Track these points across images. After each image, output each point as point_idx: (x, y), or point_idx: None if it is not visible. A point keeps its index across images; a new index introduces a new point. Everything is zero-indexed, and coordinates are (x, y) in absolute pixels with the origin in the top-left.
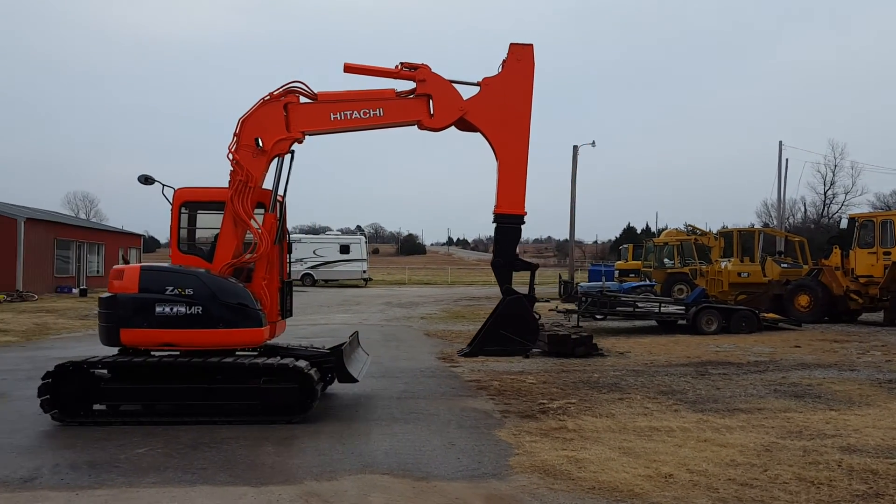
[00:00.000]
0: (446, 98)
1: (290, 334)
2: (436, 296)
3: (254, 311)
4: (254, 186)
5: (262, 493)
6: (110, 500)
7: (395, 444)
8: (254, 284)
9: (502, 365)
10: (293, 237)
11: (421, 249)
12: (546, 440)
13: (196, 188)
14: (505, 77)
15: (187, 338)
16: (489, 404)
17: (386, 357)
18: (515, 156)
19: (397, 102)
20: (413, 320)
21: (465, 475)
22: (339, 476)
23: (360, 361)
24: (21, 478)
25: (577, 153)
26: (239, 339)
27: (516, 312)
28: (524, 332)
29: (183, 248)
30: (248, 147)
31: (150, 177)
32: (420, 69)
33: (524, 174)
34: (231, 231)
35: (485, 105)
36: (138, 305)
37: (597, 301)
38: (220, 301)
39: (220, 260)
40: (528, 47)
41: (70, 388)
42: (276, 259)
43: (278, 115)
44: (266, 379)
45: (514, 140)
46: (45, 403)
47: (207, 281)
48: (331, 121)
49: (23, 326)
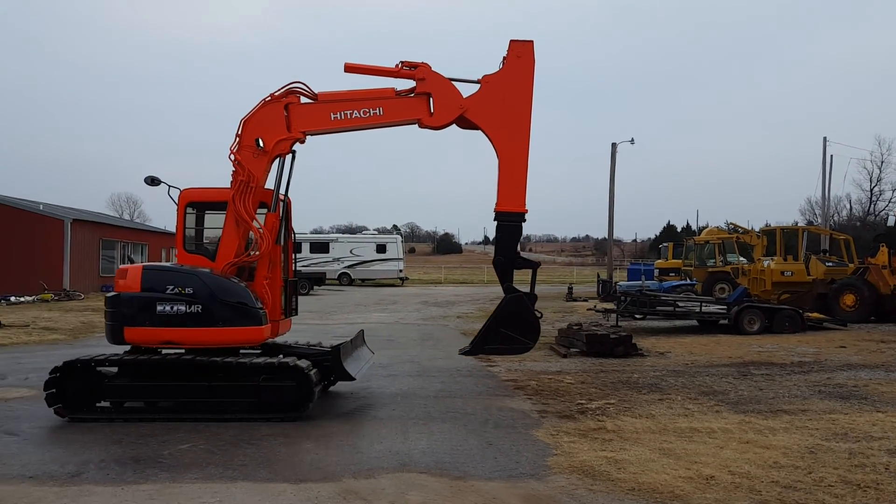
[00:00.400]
0: (446, 96)
1: (326, 332)
2: (472, 295)
3: (253, 310)
4: (255, 186)
5: (301, 490)
6: (154, 495)
7: (432, 442)
8: (255, 283)
9: (539, 364)
10: (330, 237)
11: (457, 248)
12: (585, 441)
13: (201, 189)
14: (505, 74)
15: (188, 336)
16: (526, 404)
17: (422, 356)
18: (516, 153)
19: (397, 101)
20: (449, 319)
21: (503, 475)
22: (376, 474)
23: (361, 360)
24: (69, 472)
25: (615, 150)
26: (238, 337)
27: (517, 311)
28: (525, 331)
29: (189, 247)
30: (249, 147)
31: (157, 178)
32: (420, 68)
33: (525, 172)
34: (233, 231)
35: (485, 103)
36: (141, 304)
37: (636, 300)
38: (220, 300)
39: (222, 259)
40: (529, 44)
41: (76, 385)
42: (278, 258)
43: (279, 116)
44: (266, 377)
45: (515, 138)
46: (49, 398)
47: (207, 280)
48: (331, 120)
49: (70, 325)
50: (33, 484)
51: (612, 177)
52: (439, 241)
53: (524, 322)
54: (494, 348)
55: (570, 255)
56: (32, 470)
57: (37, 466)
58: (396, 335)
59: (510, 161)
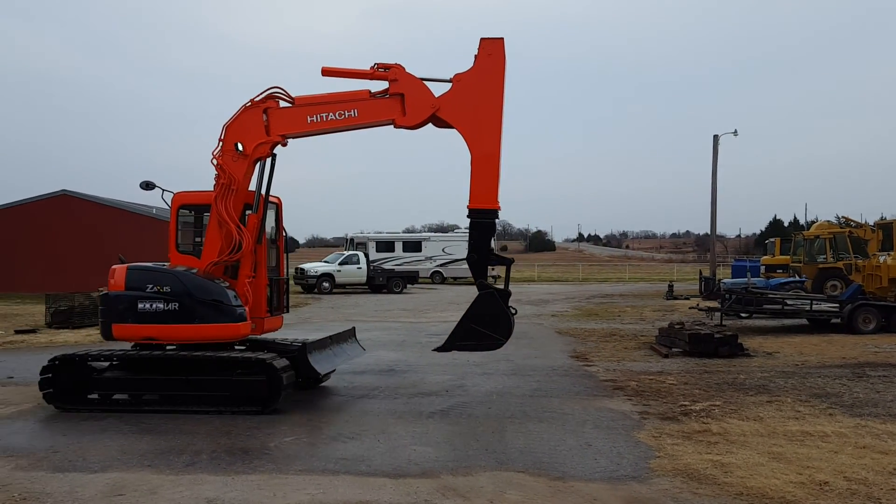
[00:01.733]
0: (418, 96)
1: (419, 330)
2: (567, 293)
3: (229, 308)
4: (236, 189)
5: (400, 485)
6: (262, 485)
7: (529, 442)
8: (238, 282)
9: (640, 365)
10: (422, 236)
11: (550, 246)
12: (689, 443)
13: (192, 192)
14: (476, 73)
15: (166, 332)
16: (627, 405)
17: (517, 355)
18: (488, 151)
19: (371, 102)
20: (544, 318)
21: (603, 476)
22: (474, 472)
23: (341, 357)
24: (183, 462)
25: (717, 143)
26: (214, 333)
27: (489, 308)
28: (496, 328)
29: (180, 248)
30: (230, 151)
31: (151, 182)
32: (392, 69)
33: (497, 169)
34: (216, 231)
35: (456, 101)
36: (125, 302)
37: (741, 298)
38: (196, 298)
39: (205, 259)
40: (499, 41)
41: (68, 378)
42: (263, 258)
43: (258, 120)
44: (240, 371)
45: (487, 135)
46: (42, 387)
47: (184, 279)
48: (307, 123)
49: None
50: (152, 472)
51: (715, 170)
52: (532, 238)
53: (496, 319)
54: (466, 345)
55: (670, 252)
56: (151, 459)
57: (154, 456)
58: None
59: (482, 159)
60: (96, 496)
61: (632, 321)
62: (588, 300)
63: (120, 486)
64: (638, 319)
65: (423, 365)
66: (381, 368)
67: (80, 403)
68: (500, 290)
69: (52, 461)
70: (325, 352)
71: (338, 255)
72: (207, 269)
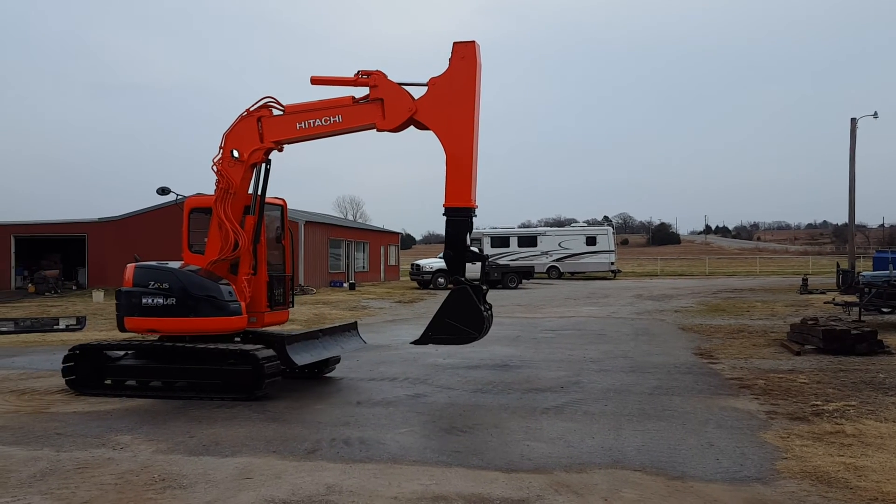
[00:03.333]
0: (396, 100)
1: (534, 326)
2: (692, 288)
3: (222, 303)
4: (235, 193)
5: (512, 479)
6: (378, 474)
7: (647, 440)
8: (238, 279)
9: (768, 362)
10: (538, 230)
11: (675, 239)
12: (819, 445)
13: (203, 196)
14: (450, 76)
15: (165, 325)
16: (753, 404)
17: (636, 352)
18: (462, 151)
19: (353, 108)
20: (666, 314)
21: (725, 477)
22: (588, 469)
23: (331, 348)
24: (305, 449)
25: (855, 127)
26: (208, 326)
27: (462, 303)
28: (469, 322)
29: (193, 248)
30: (228, 158)
31: (167, 188)
32: (373, 76)
33: (470, 168)
34: (216, 232)
35: (431, 104)
36: (132, 297)
37: (883, 292)
38: (191, 293)
39: (207, 257)
40: (471, 45)
41: (87, 366)
42: (262, 256)
43: (253, 128)
44: (232, 361)
45: (460, 136)
46: (65, 374)
47: (181, 276)
48: (297, 129)
49: (305, 316)
50: (277, 458)
51: (853, 156)
52: (654, 231)
53: (468, 314)
54: (440, 338)
55: (805, 244)
56: (276, 446)
57: (279, 443)
58: (608, 330)
59: (456, 158)
60: (227, 479)
61: (762, 317)
62: (714, 295)
63: (248, 471)
64: (768, 315)
65: (538, 360)
66: (494, 363)
67: (97, 388)
68: (475, 285)
69: (187, 445)
70: (309, 343)
71: None
72: (208, 266)
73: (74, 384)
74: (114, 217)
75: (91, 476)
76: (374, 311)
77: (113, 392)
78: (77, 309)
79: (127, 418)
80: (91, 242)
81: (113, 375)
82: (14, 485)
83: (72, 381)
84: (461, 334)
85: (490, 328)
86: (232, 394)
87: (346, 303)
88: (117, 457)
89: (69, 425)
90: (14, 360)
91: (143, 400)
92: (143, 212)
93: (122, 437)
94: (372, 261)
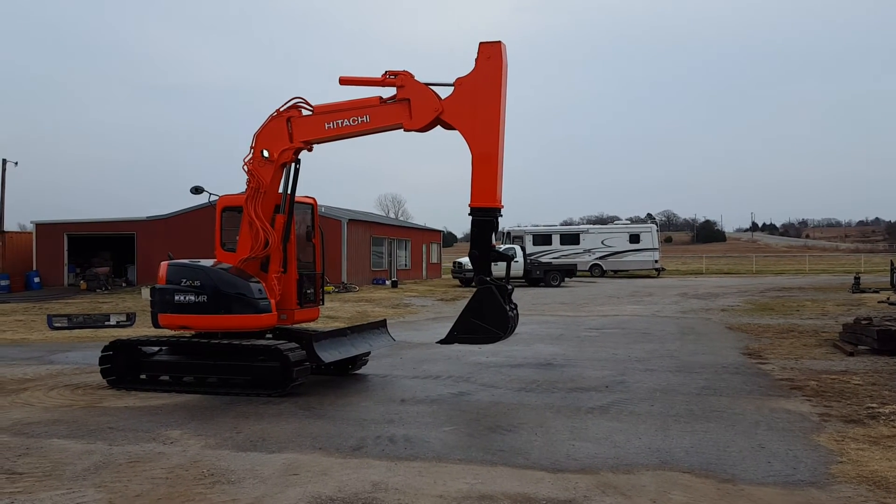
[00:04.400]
0: (422, 100)
1: (577, 324)
2: (738, 286)
3: (252, 300)
4: (265, 192)
5: (558, 480)
6: (423, 472)
7: (695, 441)
8: (267, 276)
9: (820, 363)
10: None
11: (720, 236)
12: (876, 448)
13: (234, 195)
14: (475, 76)
15: (196, 322)
16: (805, 406)
17: (682, 351)
18: (488, 151)
19: (381, 108)
20: (712, 312)
21: (778, 481)
22: (636, 470)
23: (359, 345)
24: (351, 446)
25: None
26: (237, 323)
27: (487, 302)
28: (494, 322)
29: (226, 247)
30: (259, 158)
31: (201, 187)
32: (400, 76)
33: (496, 168)
34: (247, 231)
35: (458, 104)
36: (165, 294)
37: None
38: (222, 291)
39: (239, 255)
40: (497, 45)
41: (123, 361)
42: (293, 254)
43: (282, 129)
44: (262, 358)
45: (486, 135)
46: (104, 371)
47: (211, 274)
48: (325, 129)
49: (348, 314)
50: (323, 454)
51: None
52: (699, 229)
53: (494, 313)
54: (466, 338)
55: (857, 241)
56: (322, 442)
57: (325, 439)
58: (652, 328)
59: (482, 158)
60: (274, 475)
61: (812, 316)
62: (762, 294)
63: (295, 467)
64: (819, 314)
65: (582, 359)
66: (538, 362)
67: (133, 383)
68: (500, 285)
69: (235, 441)
70: (337, 341)
71: None
72: (239, 264)
73: (113, 381)
74: (161, 215)
75: (143, 470)
76: (417, 308)
77: (148, 387)
78: (127, 305)
79: (176, 413)
80: (140, 240)
81: (148, 371)
82: (69, 477)
83: (107, 374)
84: (487, 334)
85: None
86: (261, 389)
87: (389, 300)
88: (167, 451)
89: (121, 419)
90: (68, 355)
91: (191, 395)
92: (189, 210)
93: (171, 431)
94: (414, 258)
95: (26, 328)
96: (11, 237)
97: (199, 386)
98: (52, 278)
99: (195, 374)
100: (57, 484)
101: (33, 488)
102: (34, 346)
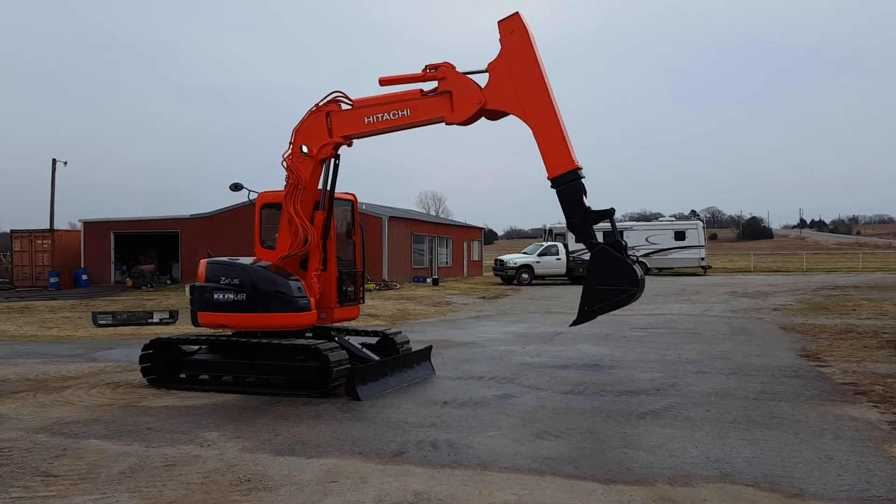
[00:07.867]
0: (464, 92)
1: (624, 323)
2: (789, 284)
3: (291, 299)
4: (304, 188)
5: (611, 492)
6: (467, 481)
7: (757, 451)
8: (307, 274)
9: (885, 366)
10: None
11: (767, 233)
12: None
13: (274, 192)
14: (505, 54)
15: (235, 321)
16: (872, 413)
17: (735, 352)
18: (545, 121)
19: (422, 101)
20: (764, 312)
21: (850, 496)
22: (695, 482)
23: (397, 380)
24: (392, 452)
25: None
26: (276, 322)
27: (606, 263)
28: (621, 279)
29: (265, 244)
30: (298, 153)
31: (240, 184)
32: (440, 68)
33: (560, 132)
34: (286, 228)
35: (498, 88)
36: (205, 293)
37: None
38: (261, 289)
39: (278, 253)
40: (515, 16)
41: (163, 360)
42: (332, 252)
43: (322, 123)
44: (301, 358)
45: (538, 107)
46: (144, 370)
47: (251, 272)
48: (365, 124)
49: (389, 312)
50: (362, 460)
51: None
52: (745, 225)
53: (617, 271)
54: (599, 308)
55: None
56: (361, 447)
57: (365, 444)
58: (701, 328)
59: (542, 129)
60: (312, 481)
61: (870, 316)
62: (815, 292)
63: (334, 473)
64: (878, 314)
65: (630, 360)
66: (584, 363)
67: (173, 382)
68: (613, 241)
69: (273, 444)
70: (377, 375)
71: (537, 247)
72: (278, 262)
73: (153, 380)
74: (205, 213)
75: (178, 474)
76: (458, 307)
77: (188, 386)
78: (170, 303)
79: (214, 414)
80: (184, 238)
81: (187, 370)
82: (104, 481)
83: (147, 373)
84: (618, 295)
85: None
86: (300, 390)
87: (430, 298)
88: (204, 454)
89: (159, 420)
90: (111, 352)
91: (229, 395)
92: (232, 208)
93: (209, 433)
94: (455, 256)
95: (72, 325)
96: (61, 235)
97: (238, 385)
98: (99, 276)
99: (234, 373)
100: (91, 488)
101: (67, 492)
102: (79, 342)
